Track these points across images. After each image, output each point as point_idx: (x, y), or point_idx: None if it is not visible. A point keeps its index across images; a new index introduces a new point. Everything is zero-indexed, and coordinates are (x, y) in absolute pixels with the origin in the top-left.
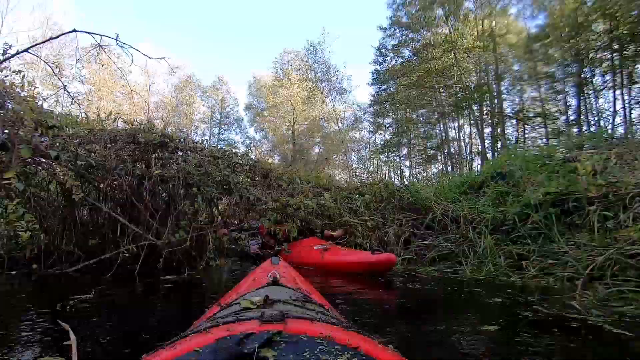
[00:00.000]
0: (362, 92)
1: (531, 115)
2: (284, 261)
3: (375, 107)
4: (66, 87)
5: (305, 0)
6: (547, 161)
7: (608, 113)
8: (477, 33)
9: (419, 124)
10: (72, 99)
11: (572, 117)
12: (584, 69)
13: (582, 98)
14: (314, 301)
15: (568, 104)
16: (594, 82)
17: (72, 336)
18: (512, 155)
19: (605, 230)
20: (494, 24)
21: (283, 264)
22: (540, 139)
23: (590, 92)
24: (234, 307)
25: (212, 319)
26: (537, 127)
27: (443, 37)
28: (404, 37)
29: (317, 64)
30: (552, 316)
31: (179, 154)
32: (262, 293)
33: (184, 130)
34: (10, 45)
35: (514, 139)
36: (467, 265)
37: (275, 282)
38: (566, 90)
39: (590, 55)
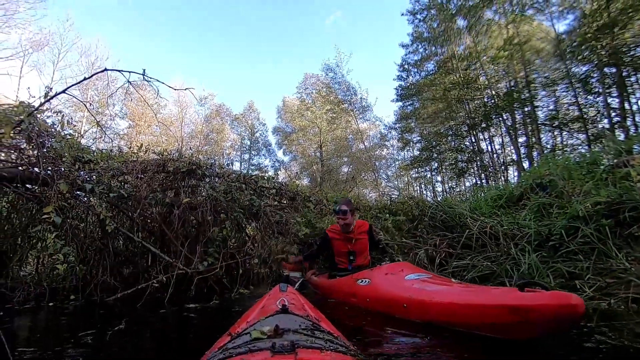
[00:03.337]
0: (386, 109)
1: (568, 120)
2: (292, 288)
3: (401, 123)
4: (99, 123)
5: (332, 28)
6: (591, 168)
7: None
8: (500, 42)
9: (449, 137)
10: (105, 134)
11: (615, 120)
12: (624, 68)
13: (624, 98)
14: (323, 329)
15: (611, 105)
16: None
17: None
18: (552, 164)
19: None
20: (518, 30)
21: (291, 290)
22: (580, 145)
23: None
24: (244, 337)
25: (223, 350)
26: (575, 133)
27: (467, 51)
28: (427, 52)
29: (337, 85)
30: (621, 348)
31: (207, 180)
32: (271, 322)
33: (215, 157)
34: (51, 88)
35: (550, 146)
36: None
37: (284, 310)
38: (607, 91)
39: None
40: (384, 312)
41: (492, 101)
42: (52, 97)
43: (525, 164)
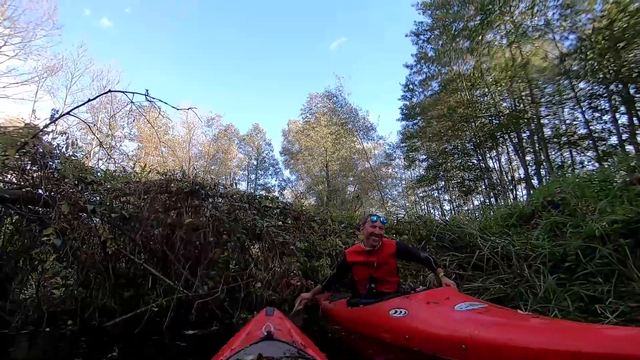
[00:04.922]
0: (391, 127)
1: (577, 137)
2: (279, 312)
3: (406, 142)
4: (102, 143)
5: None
6: (604, 185)
7: None
8: (502, 63)
9: (455, 155)
10: (110, 155)
11: (624, 137)
12: (631, 84)
13: (633, 115)
14: (308, 356)
15: (619, 121)
16: None
17: None
18: (563, 181)
19: None
20: (521, 51)
21: (278, 315)
22: (590, 162)
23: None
24: None
25: None
26: (584, 150)
27: (471, 71)
28: (431, 71)
29: (340, 108)
30: None
31: (210, 200)
32: (255, 350)
33: (222, 177)
34: (57, 111)
35: (559, 163)
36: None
37: (269, 337)
38: (615, 108)
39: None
40: (431, 353)
41: (497, 120)
42: (56, 119)
43: (534, 182)
